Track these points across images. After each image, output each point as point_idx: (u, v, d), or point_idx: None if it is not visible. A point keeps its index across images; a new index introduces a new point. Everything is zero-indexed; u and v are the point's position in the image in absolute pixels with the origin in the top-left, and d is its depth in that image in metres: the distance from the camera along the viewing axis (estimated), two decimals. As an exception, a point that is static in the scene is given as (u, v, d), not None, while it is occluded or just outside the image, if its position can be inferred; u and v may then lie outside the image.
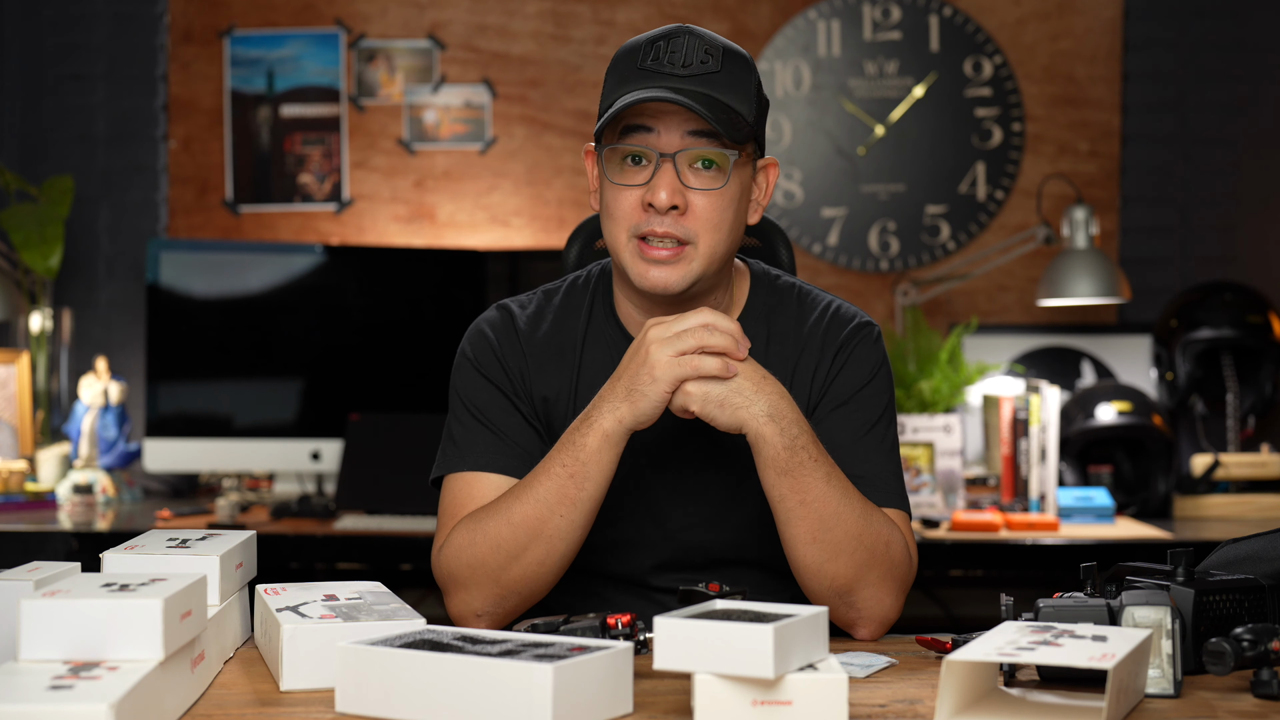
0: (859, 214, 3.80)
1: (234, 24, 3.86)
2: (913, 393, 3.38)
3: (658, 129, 1.62)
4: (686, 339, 1.54)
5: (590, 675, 1.22)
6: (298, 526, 3.05)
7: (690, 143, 1.62)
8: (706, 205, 1.63)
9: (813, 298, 1.79)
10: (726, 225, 1.65)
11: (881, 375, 1.75)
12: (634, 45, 1.66)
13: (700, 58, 1.63)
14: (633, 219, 1.64)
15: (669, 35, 1.65)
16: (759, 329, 1.76)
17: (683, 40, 1.64)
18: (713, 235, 1.64)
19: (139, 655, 1.19)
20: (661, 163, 1.62)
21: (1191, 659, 1.36)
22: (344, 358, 3.53)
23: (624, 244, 1.65)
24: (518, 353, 1.75)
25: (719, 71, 1.63)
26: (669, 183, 1.62)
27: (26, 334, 3.63)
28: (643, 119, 1.62)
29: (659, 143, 1.62)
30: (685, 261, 1.64)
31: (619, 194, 1.65)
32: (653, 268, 1.64)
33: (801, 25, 3.80)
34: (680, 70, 1.62)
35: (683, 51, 1.63)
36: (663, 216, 1.62)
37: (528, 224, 3.83)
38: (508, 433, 1.72)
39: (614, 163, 1.65)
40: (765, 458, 1.57)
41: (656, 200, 1.61)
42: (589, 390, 1.73)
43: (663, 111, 1.62)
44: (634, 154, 1.64)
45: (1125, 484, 3.31)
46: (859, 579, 1.61)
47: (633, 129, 1.63)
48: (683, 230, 1.63)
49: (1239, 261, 3.69)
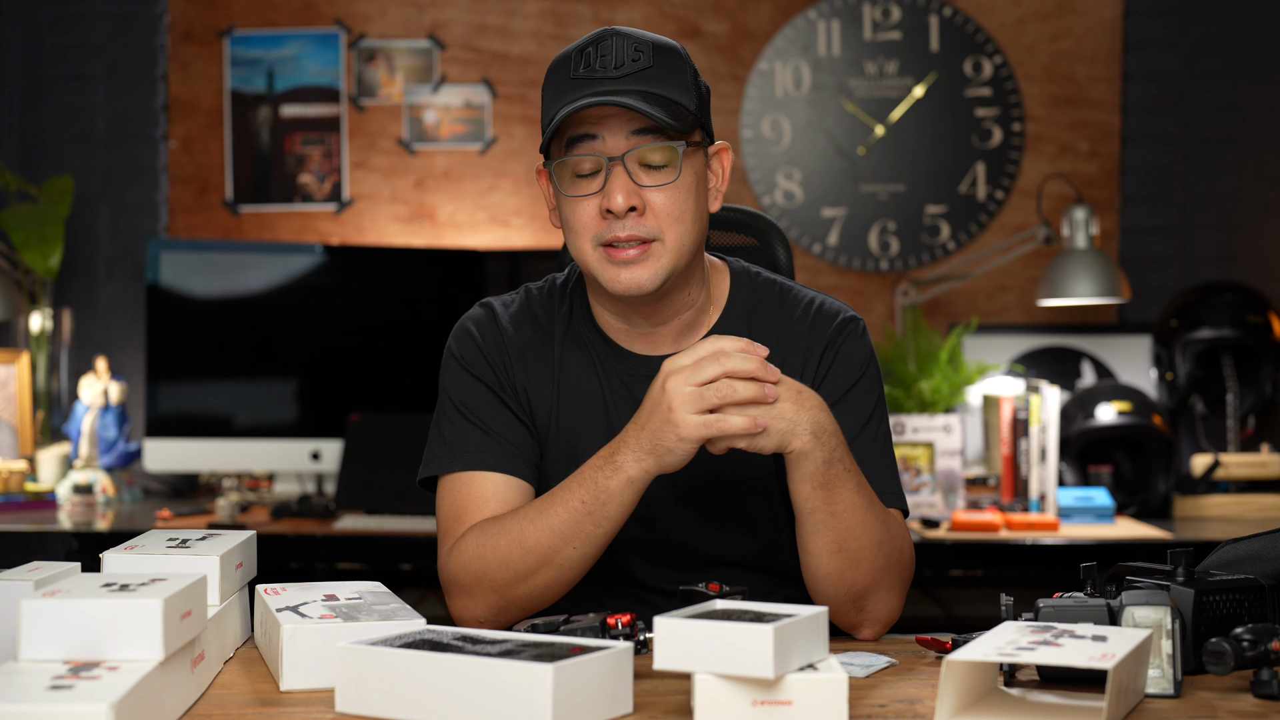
0: (859, 214, 3.80)
1: (234, 24, 3.86)
2: (913, 393, 3.38)
3: (602, 134, 1.62)
4: (709, 395, 1.48)
5: (590, 675, 1.22)
6: (298, 526, 3.05)
7: (636, 141, 1.61)
8: (664, 200, 1.63)
9: (794, 294, 1.78)
10: (689, 216, 1.65)
11: (870, 371, 1.75)
12: (564, 56, 1.66)
13: (631, 55, 1.62)
14: (594, 228, 1.63)
15: (597, 40, 1.64)
16: (740, 327, 1.75)
17: (611, 42, 1.63)
18: (676, 228, 1.64)
19: (139, 655, 1.19)
20: (612, 167, 1.61)
21: (1191, 659, 1.36)
22: (344, 358, 3.53)
23: (590, 253, 1.65)
24: (502, 349, 1.75)
25: (651, 66, 1.63)
26: (623, 185, 1.61)
27: (26, 334, 3.63)
28: (585, 127, 1.62)
29: (605, 148, 1.62)
30: (654, 258, 1.63)
31: (576, 206, 1.64)
32: (622, 270, 1.63)
33: (801, 25, 3.80)
34: (613, 72, 1.61)
35: (613, 53, 1.62)
36: (623, 220, 1.62)
37: (528, 224, 3.83)
38: (499, 430, 1.71)
39: (565, 177, 1.65)
40: (804, 472, 1.55)
41: (613, 205, 1.61)
42: (570, 392, 1.73)
43: (604, 116, 1.61)
44: (583, 164, 1.63)
45: (1125, 484, 3.31)
46: (875, 584, 1.61)
47: (577, 139, 1.63)
48: (645, 229, 1.62)
49: (1239, 261, 3.69)
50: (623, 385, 1.73)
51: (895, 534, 1.62)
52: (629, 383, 1.73)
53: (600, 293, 1.71)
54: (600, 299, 1.74)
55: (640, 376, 1.72)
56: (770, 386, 1.49)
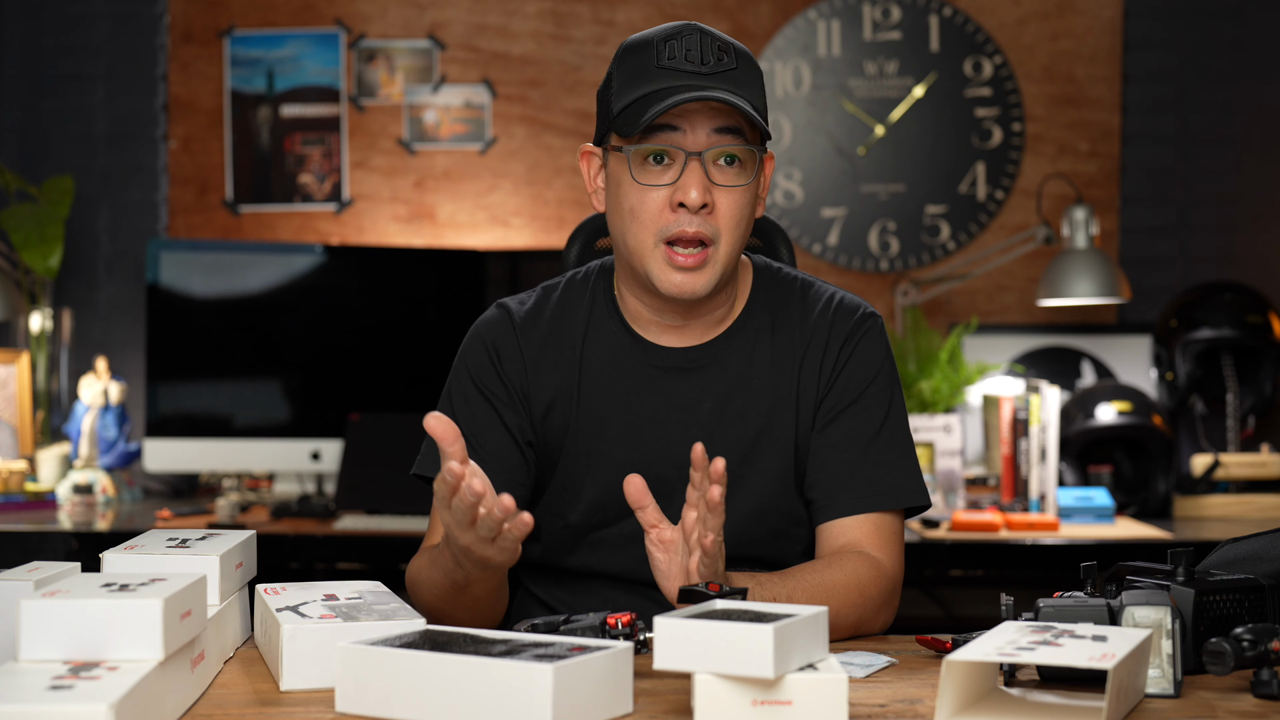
0: (859, 214, 3.80)
1: (234, 24, 3.86)
2: (913, 393, 3.38)
3: (684, 127, 1.62)
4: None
5: (590, 675, 1.22)
6: (298, 526, 3.05)
7: (717, 140, 1.62)
8: (730, 203, 1.64)
9: (815, 289, 1.79)
10: (746, 221, 1.67)
11: (887, 368, 1.76)
12: (644, 41, 1.65)
13: (716, 55, 1.63)
14: (661, 220, 1.63)
15: (679, 33, 1.64)
16: (763, 321, 1.76)
17: (695, 38, 1.63)
18: (734, 233, 1.65)
19: (139, 655, 1.19)
20: (689, 161, 1.62)
21: (1191, 659, 1.36)
22: (344, 358, 3.53)
23: (650, 249, 1.65)
24: (516, 357, 1.75)
25: (736, 68, 1.64)
26: (699, 181, 1.61)
27: (26, 334, 3.63)
28: (668, 117, 1.61)
29: (685, 141, 1.62)
30: (710, 265, 1.64)
31: (645, 195, 1.64)
32: (679, 274, 1.64)
33: (801, 25, 3.80)
34: (701, 67, 1.62)
35: (698, 49, 1.63)
36: (692, 216, 1.62)
37: (528, 224, 3.83)
38: (486, 447, 1.72)
39: (637, 163, 1.64)
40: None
41: (688, 199, 1.61)
42: (591, 390, 1.73)
43: (688, 109, 1.61)
44: (658, 153, 1.63)
45: (1125, 484, 3.31)
46: (857, 628, 1.64)
47: (657, 128, 1.62)
48: (710, 228, 1.63)
49: (1239, 261, 3.69)
50: (648, 377, 1.74)
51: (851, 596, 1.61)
52: (654, 375, 1.73)
53: (640, 286, 1.71)
54: (637, 291, 1.73)
55: (666, 369, 1.73)
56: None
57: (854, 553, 1.67)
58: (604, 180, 1.72)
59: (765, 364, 1.74)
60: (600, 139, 1.71)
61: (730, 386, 1.73)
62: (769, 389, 1.73)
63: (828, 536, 1.71)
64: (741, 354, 1.74)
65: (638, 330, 1.75)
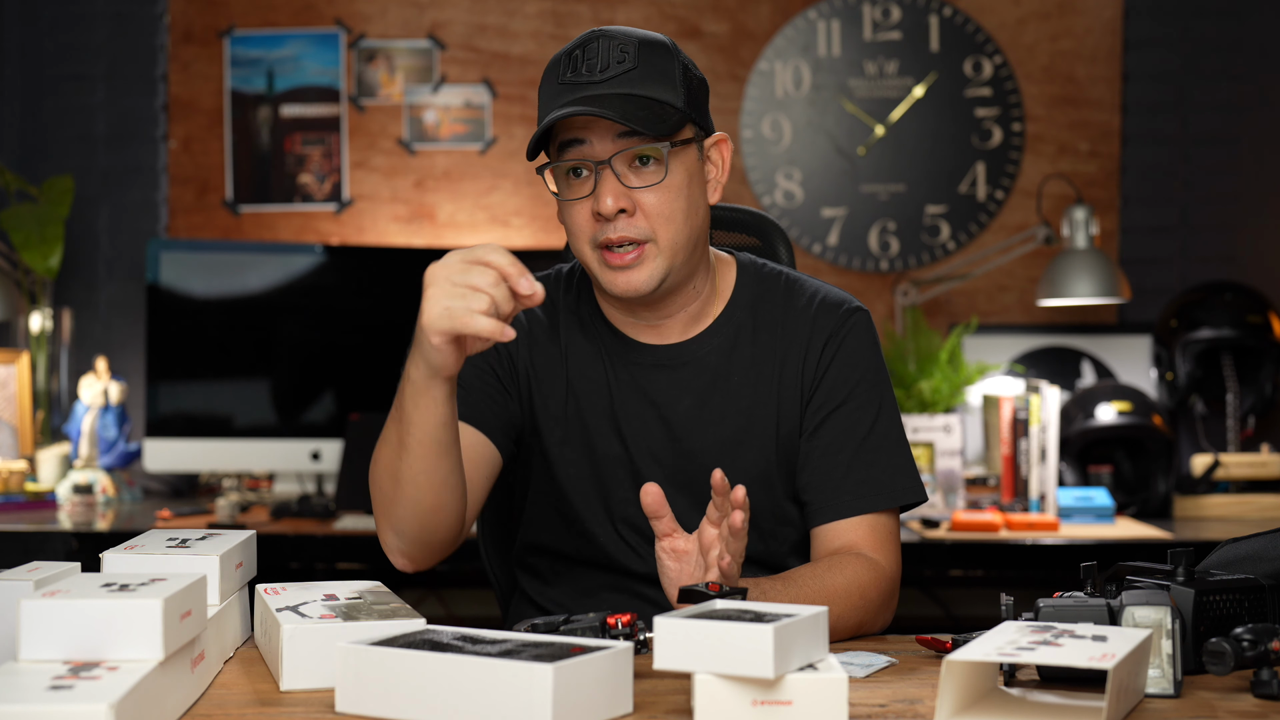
0: (859, 214, 3.80)
1: (234, 24, 3.86)
2: (913, 393, 3.38)
3: (589, 139, 1.64)
4: (460, 289, 1.41)
5: (590, 675, 1.22)
6: (298, 526, 3.05)
7: (621, 145, 1.63)
8: (654, 200, 1.65)
9: (800, 285, 1.79)
10: (680, 214, 1.66)
11: (875, 364, 1.75)
12: (555, 61, 1.68)
13: (616, 58, 1.64)
14: (589, 230, 1.66)
15: (584, 43, 1.66)
16: (744, 319, 1.76)
17: (597, 45, 1.65)
18: (668, 227, 1.66)
19: (139, 655, 1.19)
20: (600, 170, 1.63)
21: (1191, 659, 1.36)
22: (344, 358, 3.53)
23: (590, 255, 1.67)
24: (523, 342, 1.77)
25: (636, 68, 1.64)
26: (610, 189, 1.63)
27: (26, 334, 3.63)
28: (574, 132, 1.64)
29: (593, 152, 1.64)
30: (648, 260, 1.66)
31: (571, 209, 1.67)
32: (619, 275, 1.66)
33: (801, 25, 3.80)
34: (598, 76, 1.63)
35: (599, 57, 1.64)
36: (614, 222, 1.64)
37: (528, 224, 3.83)
38: (475, 388, 1.73)
39: (559, 180, 1.68)
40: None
41: (602, 208, 1.63)
42: (578, 378, 1.75)
43: (590, 121, 1.63)
44: (574, 168, 1.66)
45: (1125, 484, 3.31)
46: (858, 630, 1.64)
47: (568, 144, 1.65)
48: (637, 230, 1.64)
49: (1239, 261, 3.69)
50: (629, 374, 1.74)
51: (852, 599, 1.61)
52: (635, 372, 1.74)
53: (602, 289, 1.73)
54: (602, 294, 1.76)
55: (647, 365, 1.74)
56: (526, 282, 1.41)
57: (853, 554, 1.67)
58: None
59: (745, 362, 1.74)
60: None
61: (709, 384, 1.74)
62: (749, 387, 1.74)
63: (824, 539, 1.71)
64: (721, 352, 1.75)
65: (619, 327, 1.77)
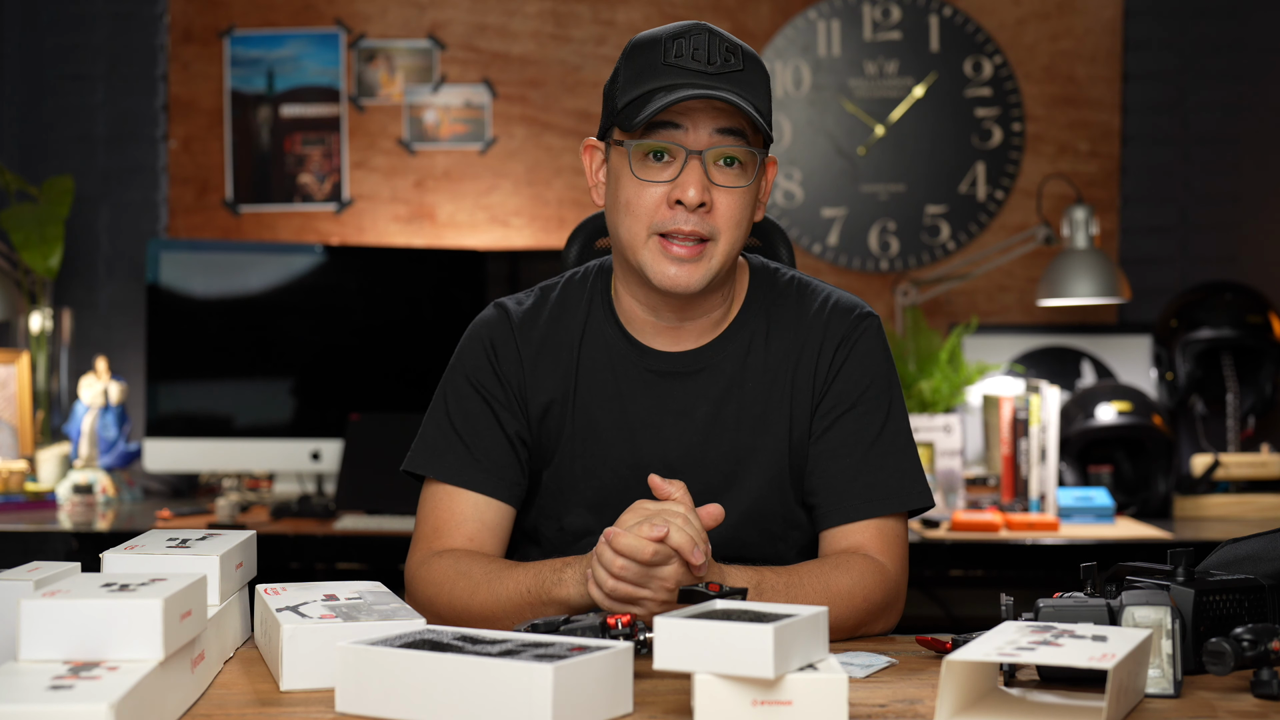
0: (859, 214, 3.80)
1: (234, 24, 3.86)
2: (913, 393, 3.38)
3: (686, 125, 1.62)
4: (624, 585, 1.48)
5: (590, 675, 1.22)
6: (298, 526, 3.05)
7: (718, 140, 1.62)
8: (730, 203, 1.64)
9: (812, 289, 1.79)
10: (745, 222, 1.67)
11: (885, 369, 1.75)
12: (651, 39, 1.65)
13: (723, 55, 1.63)
14: (656, 215, 1.64)
15: (688, 32, 1.64)
16: (759, 323, 1.76)
17: (704, 38, 1.64)
18: (733, 233, 1.65)
19: (139, 655, 1.19)
20: (689, 160, 1.62)
21: (1191, 659, 1.36)
22: (344, 358, 3.53)
23: (643, 241, 1.65)
24: (514, 358, 1.75)
25: (743, 70, 1.64)
26: (698, 180, 1.62)
27: (26, 334, 3.63)
28: (671, 115, 1.62)
29: (687, 140, 1.62)
30: (706, 259, 1.64)
31: (642, 189, 1.64)
32: (673, 265, 1.64)
33: (801, 25, 3.80)
34: (708, 67, 1.62)
35: (705, 49, 1.63)
36: (689, 214, 1.62)
37: (528, 224, 3.83)
38: (484, 448, 1.73)
39: (638, 158, 1.64)
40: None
41: (685, 197, 1.61)
42: (587, 392, 1.73)
43: (691, 108, 1.61)
44: (659, 150, 1.63)
45: (1125, 484, 3.30)
46: (858, 631, 1.64)
47: (659, 125, 1.62)
48: (707, 227, 1.63)
49: (1239, 261, 3.69)
50: (642, 382, 1.73)
51: (854, 601, 1.61)
52: (649, 379, 1.73)
53: (636, 282, 1.71)
54: (630, 286, 1.73)
55: (660, 373, 1.73)
56: (698, 553, 1.47)
57: (859, 555, 1.67)
58: (605, 175, 1.72)
59: (760, 367, 1.74)
60: (604, 133, 1.71)
61: (725, 391, 1.73)
62: (763, 393, 1.73)
63: (831, 542, 1.71)
64: (736, 358, 1.74)
65: (633, 333, 1.75)
